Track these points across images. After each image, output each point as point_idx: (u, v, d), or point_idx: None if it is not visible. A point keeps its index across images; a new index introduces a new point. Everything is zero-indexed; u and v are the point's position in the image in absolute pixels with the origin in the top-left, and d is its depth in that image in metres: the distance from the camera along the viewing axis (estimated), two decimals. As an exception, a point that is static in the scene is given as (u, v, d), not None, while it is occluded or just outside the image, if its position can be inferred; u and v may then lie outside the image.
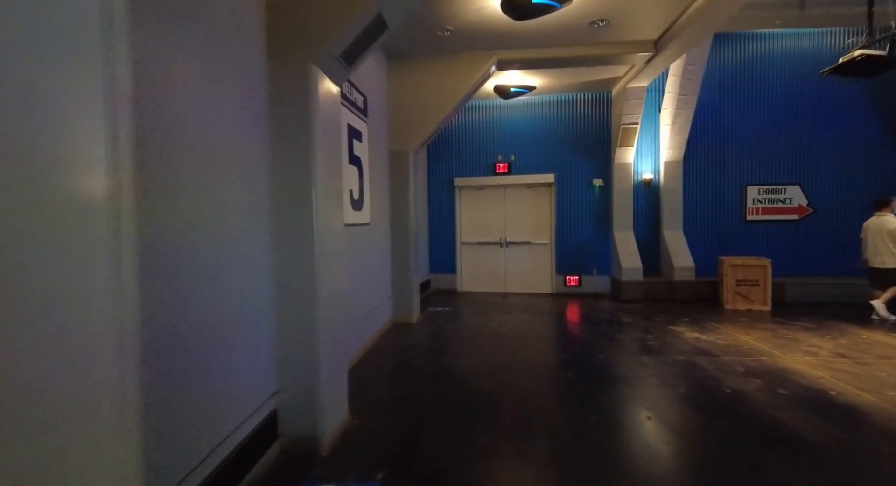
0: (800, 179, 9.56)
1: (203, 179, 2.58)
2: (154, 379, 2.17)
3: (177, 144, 2.37)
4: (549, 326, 7.65)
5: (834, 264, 9.45)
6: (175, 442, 2.31)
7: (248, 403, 3.01)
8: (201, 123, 2.59)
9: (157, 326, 2.19)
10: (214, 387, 2.65)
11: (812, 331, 6.64)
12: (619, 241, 9.65)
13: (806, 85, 9.51)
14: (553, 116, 10.23)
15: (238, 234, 2.93)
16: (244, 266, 2.99)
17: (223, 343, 2.74)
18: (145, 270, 2.11)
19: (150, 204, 2.17)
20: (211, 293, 2.63)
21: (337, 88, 3.88)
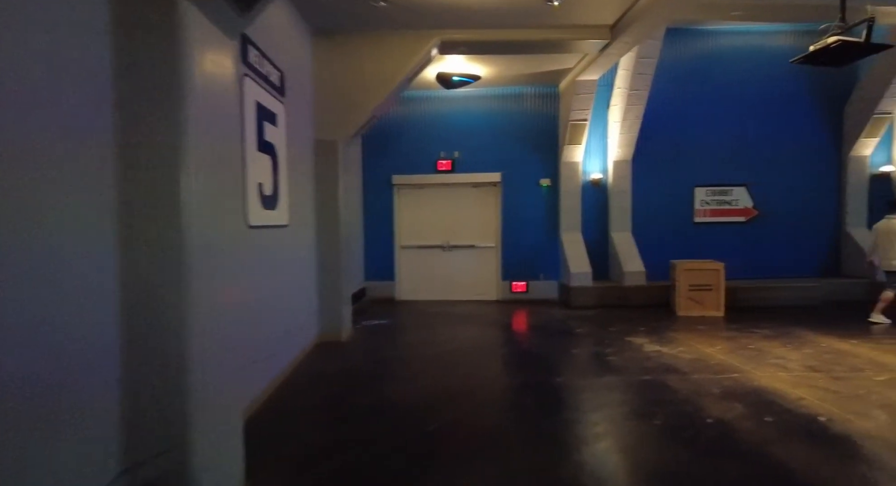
0: (746, 181, 9.40)
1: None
2: None
3: None
4: (500, 340, 6.88)
5: (781, 267, 9.36)
6: None
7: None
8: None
9: None
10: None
11: (773, 340, 6.26)
12: (567, 243, 9.08)
13: (753, 85, 9.37)
14: (499, 110, 9.53)
15: (61, 252, 1.88)
16: (70, 297, 1.93)
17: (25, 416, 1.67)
18: None
19: None
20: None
21: (231, 42, 2.88)
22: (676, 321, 7.56)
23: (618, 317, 7.86)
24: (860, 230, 9.24)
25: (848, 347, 5.87)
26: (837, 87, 9.30)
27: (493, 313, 8.62)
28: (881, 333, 6.55)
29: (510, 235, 9.50)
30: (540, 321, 7.88)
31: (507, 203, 9.51)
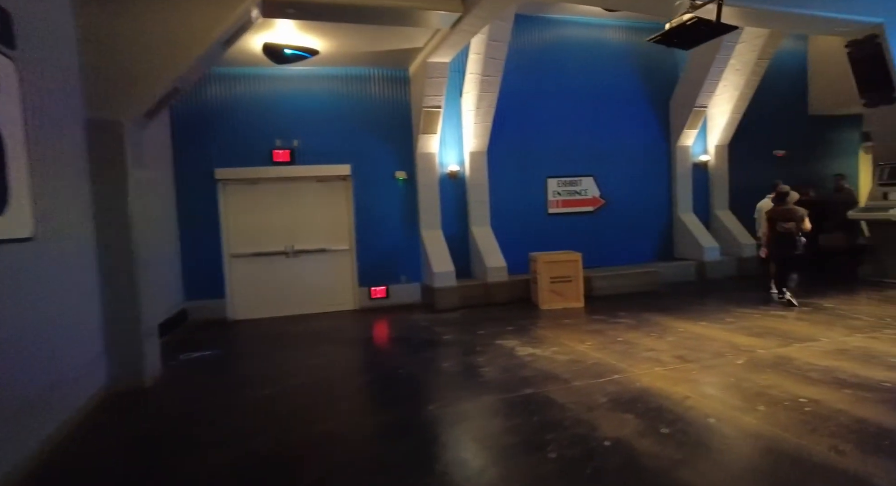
0: (594, 171, 9.62)
1: None
2: None
3: None
4: (358, 363, 5.84)
5: (627, 254, 9.75)
6: None
7: None
8: None
9: None
10: None
11: (637, 329, 6.19)
12: (428, 242, 8.35)
13: (597, 77, 9.59)
14: (346, 94, 8.40)
15: None
16: None
17: None
18: None
19: None
20: None
21: None
22: (542, 316, 7.27)
23: (484, 317, 7.34)
24: (688, 215, 10.05)
25: (702, 330, 6.00)
26: (665, 81, 9.97)
27: (351, 326, 7.52)
28: (715, 312, 6.90)
29: (366, 236, 8.46)
30: (404, 331, 7.01)
31: (360, 199, 8.45)
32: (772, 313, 6.62)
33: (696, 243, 9.66)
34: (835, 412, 3.51)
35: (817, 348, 5.02)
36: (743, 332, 5.78)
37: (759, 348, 5.08)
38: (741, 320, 6.38)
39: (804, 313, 6.54)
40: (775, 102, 10.69)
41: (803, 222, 7.03)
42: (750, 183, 10.49)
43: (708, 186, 10.41)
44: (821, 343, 5.16)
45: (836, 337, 5.35)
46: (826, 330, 5.66)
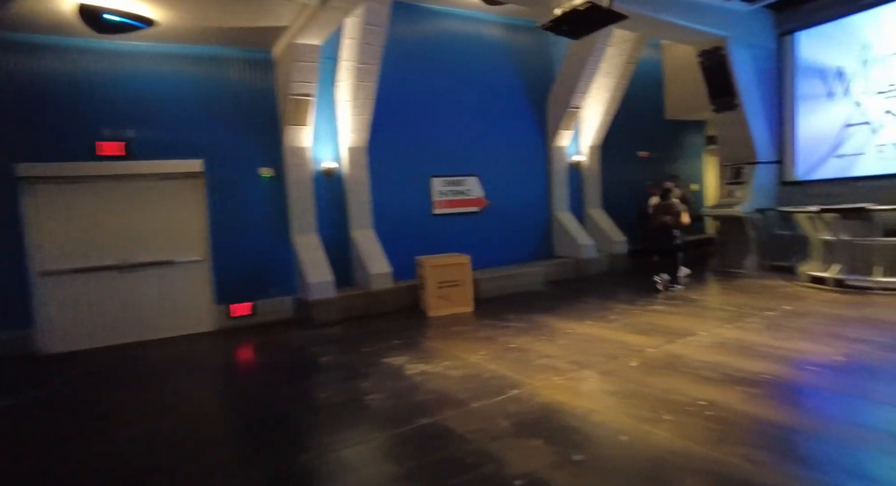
0: (477, 171, 9.37)
1: None
2: None
3: None
4: (213, 404, 4.80)
5: (510, 254, 9.65)
6: None
7: None
8: None
9: None
10: None
11: (527, 333, 5.94)
12: (301, 248, 7.40)
13: (479, 74, 9.33)
14: (197, 77, 7.11)
15: None
16: None
17: None
18: None
19: None
20: None
21: None
22: (431, 325, 6.76)
23: (369, 331, 6.63)
24: (565, 214, 10.26)
25: (590, 330, 5.91)
26: (542, 81, 10.05)
27: (205, 354, 6.34)
28: (598, 310, 6.96)
29: (224, 243, 7.24)
30: (273, 355, 6.05)
31: (217, 200, 7.22)
32: (649, 309, 6.81)
33: (574, 241, 9.89)
34: (735, 414, 3.42)
35: (699, 342, 5.12)
36: (628, 330, 5.79)
37: (648, 347, 5.05)
38: (623, 316, 6.44)
39: (676, 307, 6.81)
40: (638, 106, 11.38)
41: (680, 217, 7.63)
42: (619, 182, 11.11)
43: (582, 186, 10.76)
44: (700, 337, 5.28)
45: (711, 330, 5.54)
46: (701, 323, 5.88)
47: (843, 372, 4.13)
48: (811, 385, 3.91)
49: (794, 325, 5.51)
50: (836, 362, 4.32)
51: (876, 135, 8.25)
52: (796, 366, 4.32)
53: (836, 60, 8.65)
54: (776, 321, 5.70)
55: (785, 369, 4.25)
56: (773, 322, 5.67)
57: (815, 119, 9.00)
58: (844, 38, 8.53)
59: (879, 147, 8.23)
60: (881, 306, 6.10)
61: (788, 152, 9.41)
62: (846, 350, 4.58)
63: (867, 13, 8.27)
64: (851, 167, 8.57)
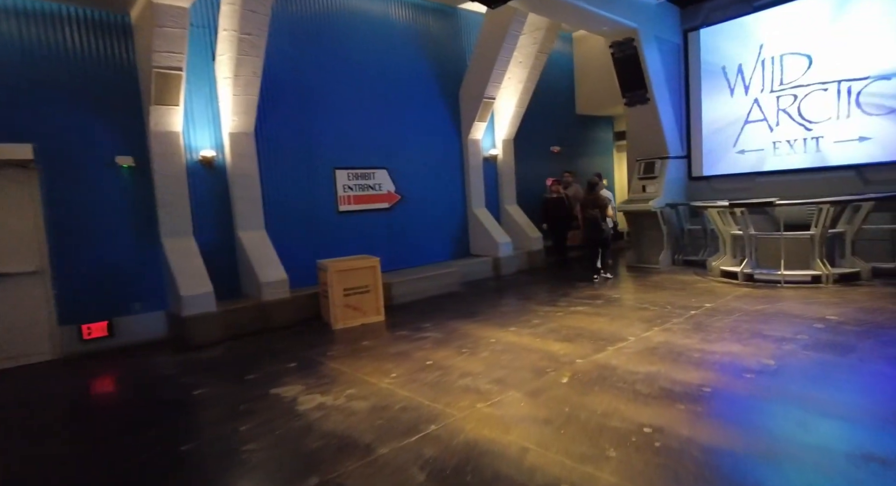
0: (387, 163, 8.52)
1: None
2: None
3: None
4: (32, 469, 3.55)
5: (426, 254, 8.95)
6: None
7: None
8: None
9: None
10: None
11: (446, 344, 5.24)
12: (173, 253, 6.14)
13: (391, 57, 8.51)
14: (27, 39, 5.59)
15: None
16: None
17: None
18: None
19: None
20: None
21: None
22: (335, 340, 5.85)
23: (258, 351, 5.58)
24: (482, 211, 9.73)
25: (514, 338, 5.34)
26: (455, 70, 9.42)
27: (39, 390, 4.95)
28: (520, 313, 6.46)
29: (69, 250, 5.81)
30: (131, 390, 4.84)
31: (57, 197, 5.75)
32: (573, 310, 6.41)
33: (491, 238, 9.39)
34: (684, 443, 2.93)
35: (629, 349, 4.71)
36: (554, 336, 5.29)
37: (577, 358, 4.55)
38: (547, 320, 5.96)
39: (599, 307, 6.48)
40: (551, 101, 11.16)
41: (606, 210, 7.96)
42: (534, 177, 10.81)
43: (498, 181, 10.30)
44: (629, 343, 4.89)
45: (638, 333, 5.18)
46: (627, 326, 5.52)
47: (778, 378, 3.85)
48: (751, 396, 3.56)
49: (718, 324, 5.30)
50: (768, 366, 4.06)
51: (773, 132, 8.53)
52: (731, 373, 3.99)
53: (736, 59, 8.86)
54: (701, 321, 5.47)
55: (721, 378, 3.90)
56: (698, 322, 5.44)
57: (718, 115, 9.19)
58: (742, 37, 8.75)
59: (776, 144, 8.52)
60: (791, 300, 6.13)
61: (696, 148, 9.57)
62: (774, 352, 4.37)
63: (761, 14, 8.52)
64: (753, 163, 8.82)
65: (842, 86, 7.74)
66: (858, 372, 3.91)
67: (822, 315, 5.32)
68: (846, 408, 3.27)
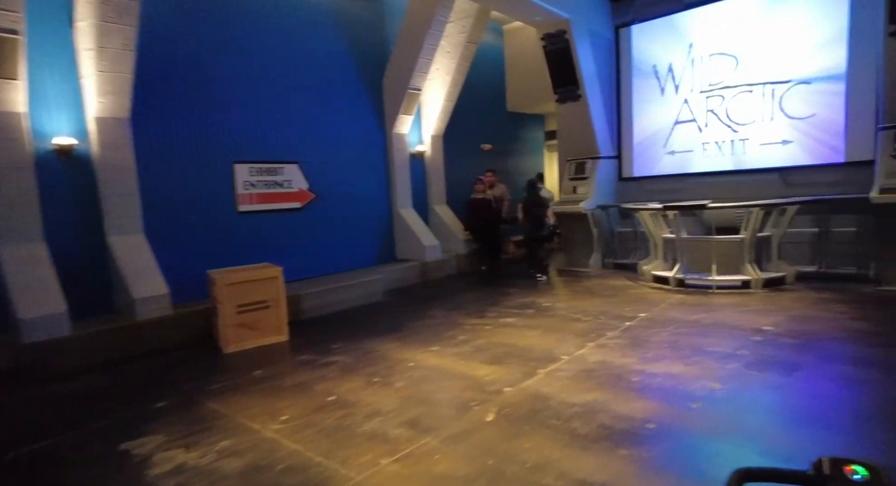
0: (299, 157, 7.56)
1: None
2: None
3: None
4: None
5: (345, 259, 8.08)
6: None
7: None
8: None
9: None
10: None
11: (355, 372, 4.46)
12: (14, 263, 4.91)
13: (303, 40, 7.55)
14: None
15: None
16: None
17: None
18: None
19: None
20: None
21: None
22: (222, 370, 4.88)
23: (122, 386, 4.52)
24: (408, 211, 9.00)
25: (436, 360, 4.65)
26: (377, 58, 8.63)
27: None
28: (446, 327, 5.80)
29: None
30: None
31: None
32: (502, 322, 5.83)
33: (418, 241, 8.69)
34: (635, 510, 2.36)
35: (563, 372, 4.15)
36: (481, 357, 4.66)
37: (505, 385, 3.92)
38: (474, 335, 5.33)
39: (530, 318, 5.94)
40: (481, 97, 10.63)
41: (549, 209, 8.28)
42: (463, 176, 10.20)
43: (426, 179, 9.61)
44: (563, 364, 4.33)
45: (572, 351, 4.66)
46: (560, 341, 4.99)
47: (726, 406, 3.41)
48: (701, 434, 3.08)
49: (656, 339, 4.88)
50: (714, 391, 3.62)
51: (702, 133, 8.42)
52: (676, 402, 3.52)
53: (666, 57, 8.70)
54: (638, 335, 5.05)
55: (666, 409, 3.41)
56: (635, 336, 5.01)
57: (649, 115, 9.01)
58: (673, 35, 8.59)
59: (704, 145, 8.42)
60: (725, 308, 5.89)
61: (626, 148, 9.35)
62: (717, 372, 3.97)
63: (691, 13, 8.39)
64: (682, 164, 8.69)
65: (766, 89, 7.72)
66: (807, 396, 3.55)
67: (759, 326, 5.05)
68: (802, 444, 2.84)
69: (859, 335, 4.62)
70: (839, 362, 4.06)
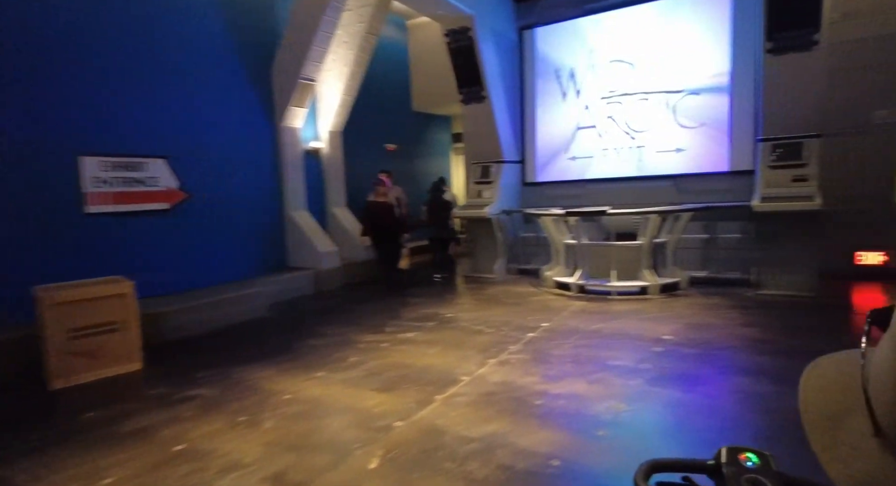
0: (167, 150, 6.51)
1: None
2: None
3: None
4: None
5: (225, 270, 7.11)
6: None
7: None
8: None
9: None
10: None
11: (218, 409, 3.70)
12: None
13: (175, 17, 6.47)
14: None
15: None
16: None
17: None
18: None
19: None
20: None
21: None
22: (46, 411, 3.88)
23: None
24: (302, 214, 8.19)
25: (319, 390, 4.01)
26: (265, 43, 7.73)
27: None
28: (337, 346, 5.18)
29: None
30: None
31: None
32: (400, 337, 5.31)
33: (312, 247, 7.92)
34: None
35: (462, 397, 3.72)
36: (372, 382, 4.10)
37: (396, 419, 3.40)
38: (368, 356, 4.76)
39: (431, 332, 5.48)
40: (386, 94, 10.08)
41: (451, 211, 8.59)
42: (366, 177, 9.55)
43: (323, 179, 8.85)
44: (463, 387, 3.91)
45: (473, 370, 4.25)
46: (461, 358, 4.57)
47: (632, 431, 3.16)
48: (609, 472, 2.76)
49: (559, 352, 4.62)
50: (619, 414, 3.37)
51: (602, 139, 8.51)
52: (582, 430, 3.20)
53: (569, 62, 8.70)
54: (540, 348, 4.76)
55: (572, 441, 3.07)
56: (537, 349, 4.72)
57: (552, 119, 8.98)
58: (575, 40, 8.62)
59: (604, 151, 8.52)
60: (625, 315, 5.83)
61: (529, 152, 9.25)
62: (622, 390, 3.75)
63: (592, 18, 8.45)
64: (583, 170, 8.74)
65: (661, 97, 7.93)
66: (710, 414, 3.39)
67: (659, 335, 4.99)
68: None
69: (749, 343, 4.67)
70: (735, 374, 4.01)
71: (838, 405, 0.47)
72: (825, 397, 0.49)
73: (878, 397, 0.43)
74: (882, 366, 0.43)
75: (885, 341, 0.44)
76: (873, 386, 0.44)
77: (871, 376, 0.45)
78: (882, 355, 0.44)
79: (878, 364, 0.44)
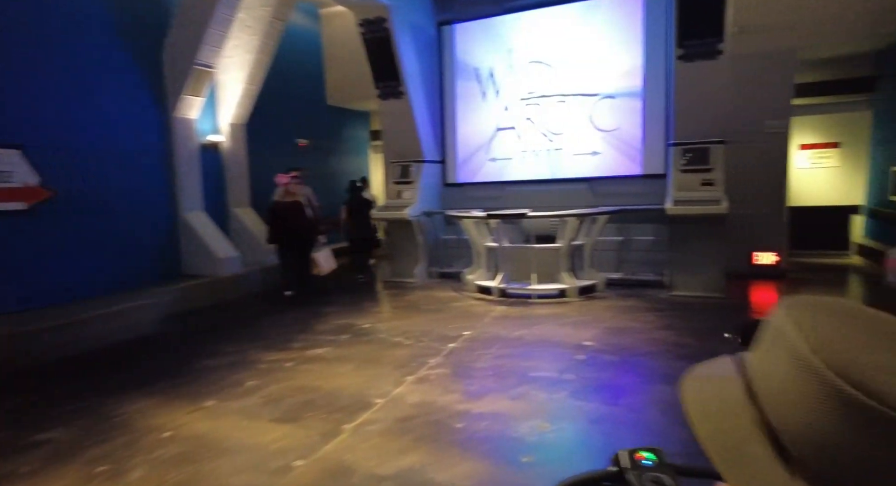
0: (25, 139, 5.48)
1: None
2: None
3: None
4: None
5: (104, 280, 6.15)
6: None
7: None
8: None
9: None
10: None
11: (73, 456, 3.01)
12: None
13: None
14: None
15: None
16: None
17: None
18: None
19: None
20: None
21: None
22: None
23: None
24: (197, 216, 7.34)
25: (206, 425, 3.43)
26: (154, 23, 6.81)
27: None
28: (233, 368, 4.57)
29: None
30: None
31: None
32: (309, 354, 4.79)
33: (210, 253, 7.12)
34: None
35: (375, 424, 3.31)
36: (271, 411, 3.58)
37: (297, 457, 2.93)
38: (270, 378, 4.21)
39: (344, 346, 5.01)
40: (297, 85, 9.38)
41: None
42: (272, 174, 8.79)
43: (223, 176, 8.02)
44: (376, 411, 3.50)
45: (389, 390, 3.86)
46: (376, 376, 4.16)
47: (557, 454, 2.95)
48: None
49: (480, 364, 4.35)
50: (543, 434, 3.15)
51: (521, 140, 8.43)
52: (506, 457, 2.94)
53: (488, 61, 8.53)
54: (461, 360, 4.47)
55: (495, 472, 2.79)
56: (458, 362, 4.42)
57: (472, 119, 8.76)
58: (494, 39, 8.46)
59: (523, 153, 8.45)
60: (546, 320, 5.70)
61: (450, 152, 8.99)
62: (545, 405, 3.55)
63: (511, 17, 8.32)
64: (503, 172, 8.61)
65: (578, 100, 7.97)
66: (635, 429, 3.25)
67: (580, 341, 4.87)
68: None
69: (667, 347, 4.67)
70: (657, 382, 3.94)
71: (734, 434, 0.42)
72: (716, 427, 0.43)
73: (784, 420, 0.39)
74: (784, 387, 0.39)
75: (779, 360, 0.40)
76: (773, 409, 0.40)
77: (762, 394, 0.41)
78: (779, 375, 0.40)
79: (778, 386, 0.40)
